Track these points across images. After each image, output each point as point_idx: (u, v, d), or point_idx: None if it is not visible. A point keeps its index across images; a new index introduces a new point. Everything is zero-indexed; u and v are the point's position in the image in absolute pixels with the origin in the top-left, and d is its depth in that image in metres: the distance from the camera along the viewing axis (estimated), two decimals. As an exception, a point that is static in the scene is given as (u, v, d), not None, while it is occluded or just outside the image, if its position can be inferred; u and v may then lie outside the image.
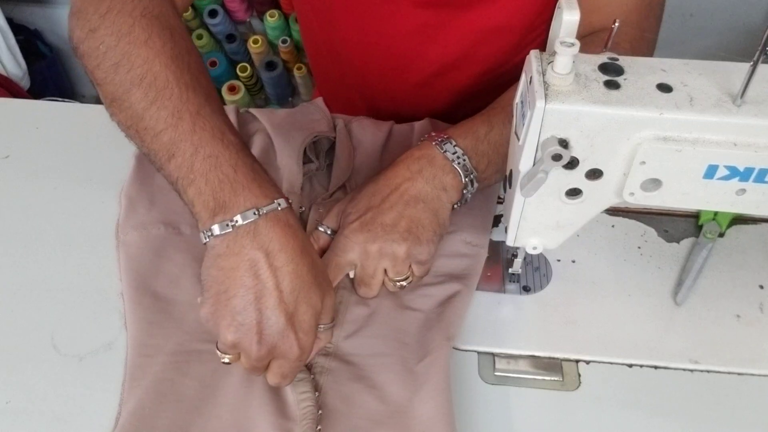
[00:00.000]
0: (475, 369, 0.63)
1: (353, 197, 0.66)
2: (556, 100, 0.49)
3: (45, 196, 0.76)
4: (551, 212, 0.58)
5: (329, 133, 0.78)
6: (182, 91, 0.56)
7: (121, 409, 0.58)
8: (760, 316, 0.66)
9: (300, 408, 0.57)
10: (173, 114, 0.55)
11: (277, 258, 0.52)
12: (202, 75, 0.59)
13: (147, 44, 0.57)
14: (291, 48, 1.68)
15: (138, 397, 0.58)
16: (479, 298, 0.67)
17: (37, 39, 1.81)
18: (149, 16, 0.59)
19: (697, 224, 0.73)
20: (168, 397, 0.58)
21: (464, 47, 0.84)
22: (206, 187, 0.53)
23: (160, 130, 0.55)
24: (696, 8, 1.67)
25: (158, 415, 0.57)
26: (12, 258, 0.70)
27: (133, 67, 0.56)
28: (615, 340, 0.64)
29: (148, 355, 0.61)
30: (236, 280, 0.52)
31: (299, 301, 0.53)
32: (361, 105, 0.95)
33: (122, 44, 0.57)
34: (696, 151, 0.50)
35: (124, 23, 0.58)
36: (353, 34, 0.86)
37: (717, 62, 0.53)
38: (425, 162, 0.65)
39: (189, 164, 0.54)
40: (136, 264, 0.67)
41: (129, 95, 0.56)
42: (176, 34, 0.59)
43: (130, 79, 0.56)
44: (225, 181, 0.53)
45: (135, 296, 0.65)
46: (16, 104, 0.92)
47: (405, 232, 0.62)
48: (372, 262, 0.63)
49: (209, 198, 0.53)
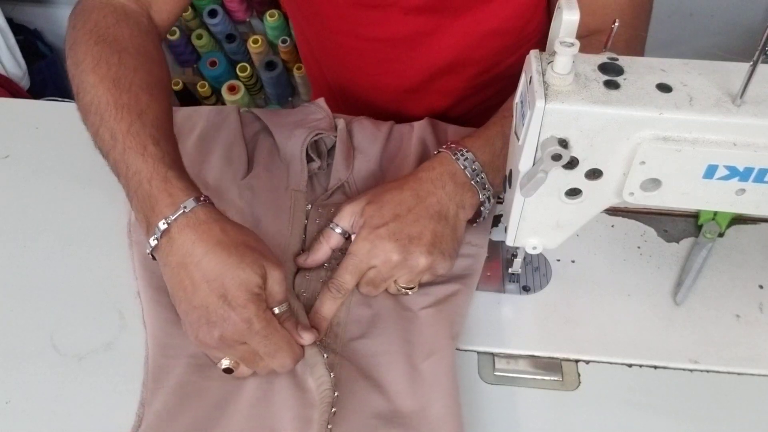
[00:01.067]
0: (474, 369, 0.63)
1: (373, 201, 0.66)
2: (555, 100, 0.49)
3: (45, 196, 0.76)
4: (551, 212, 0.58)
5: (331, 132, 0.78)
6: (118, 111, 0.61)
7: (144, 409, 0.58)
8: (760, 315, 0.66)
9: (319, 392, 0.58)
10: (112, 136, 0.61)
11: (195, 254, 0.56)
12: (143, 90, 0.63)
13: (94, 71, 0.64)
14: (291, 48, 1.68)
15: (162, 399, 0.58)
16: (479, 298, 0.67)
17: (37, 39, 1.81)
18: (102, 42, 0.66)
19: (696, 224, 0.73)
20: (192, 398, 0.59)
21: (457, 51, 0.84)
22: (138, 205, 0.59)
23: (107, 152, 0.62)
24: (696, 8, 1.67)
25: (183, 415, 0.58)
26: (12, 258, 0.70)
27: (86, 94, 0.64)
28: (614, 339, 0.64)
29: (170, 356, 0.61)
30: (176, 287, 0.57)
31: (226, 282, 0.55)
32: (356, 108, 0.95)
33: (78, 72, 0.65)
34: (696, 151, 0.50)
35: (80, 52, 0.66)
36: (346, 40, 0.86)
37: (717, 62, 0.53)
38: (447, 178, 0.66)
39: (126, 184, 0.60)
40: (151, 263, 0.67)
41: (87, 120, 0.64)
42: (125, 54, 0.65)
43: (85, 105, 0.64)
44: (145, 197, 0.58)
45: (154, 295, 0.65)
46: (16, 104, 0.93)
47: (430, 245, 0.63)
48: (391, 270, 0.63)
49: (141, 217, 0.59)
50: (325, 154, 0.78)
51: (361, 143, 0.79)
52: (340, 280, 0.64)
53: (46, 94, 1.72)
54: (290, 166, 0.75)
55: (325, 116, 0.80)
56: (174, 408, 0.58)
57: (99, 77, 0.63)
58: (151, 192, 0.58)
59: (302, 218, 0.72)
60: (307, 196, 0.74)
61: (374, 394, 0.59)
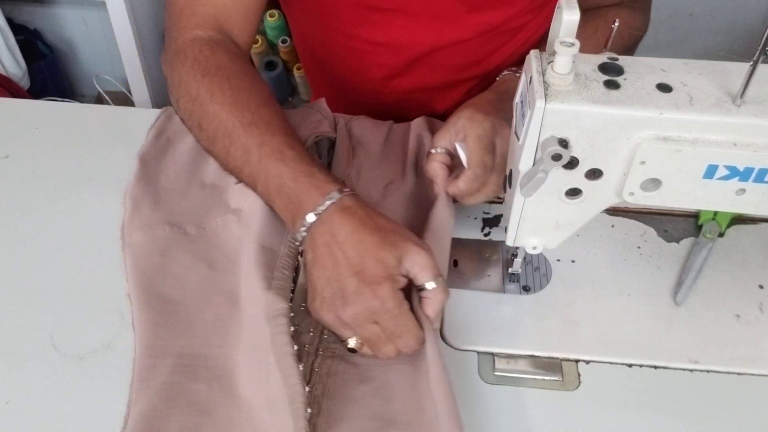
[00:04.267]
0: (474, 369, 0.63)
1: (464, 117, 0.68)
2: (555, 100, 0.49)
3: (45, 196, 0.76)
4: (551, 212, 0.58)
5: (331, 134, 0.78)
6: (246, 129, 0.66)
7: (129, 409, 0.58)
8: (760, 315, 0.66)
9: (288, 386, 0.56)
10: (245, 151, 0.66)
11: (340, 234, 0.59)
12: (262, 105, 0.69)
13: (212, 100, 0.69)
14: (291, 48, 1.68)
15: (147, 400, 0.58)
16: (479, 298, 0.67)
17: (37, 39, 1.81)
18: (208, 74, 0.71)
19: (696, 224, 0.73)
20: (177, 401, 0.58)
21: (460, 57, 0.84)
22: (282, 204, 0.64)
23: (240, 167, 0.67)
24: (696, 8, 1.67)
25: (169, 418, 0.57)
26: (12, 258, 0.70)
27: (210, 123, 0.69)
28: (615, 339, 0.64)
29: (156, 356, 0.61)
30: (317, 265, 0.60)
31: (365, 260, 0.58)
32: (356, 108, 0.95)
33: (196, 107, 0.70)
34: (696, 151, 0.50)
35: (192, 89, 0.71)
36: (349, 42, 0.86)
37: (717, 62, 0.53)
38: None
39: (266, 189, 0.65)
40: (142, 264, 0.67)
41: (215, 147, 0.70)
42: (234, 78, 0.70)
43: (212, 133, 0.69)
44: (291, 194, 0.63)
45: (143, 297, 0.65)
46: (16, 104, 0.92)
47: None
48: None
49: (287, 214, 0.64)
50: (325, 154, 0.79)
51: (361, 139, 0.79)
52: (480, 159, 0.66)
53: (46, 94, 1.73)
54: None
55: (325, 117, 0.80)
56: (159, 409, 0.57)
57: (219, 105, 0.68)
58: (298, 188, 0.62)
59: None
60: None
61: (374, 396, 0.59)
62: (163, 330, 0.62)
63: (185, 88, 0.72)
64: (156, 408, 0.57)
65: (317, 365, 0.61)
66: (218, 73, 0.70)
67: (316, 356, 0.62)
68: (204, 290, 0.66)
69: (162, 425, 0.57)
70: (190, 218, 0.71)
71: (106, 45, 1.80)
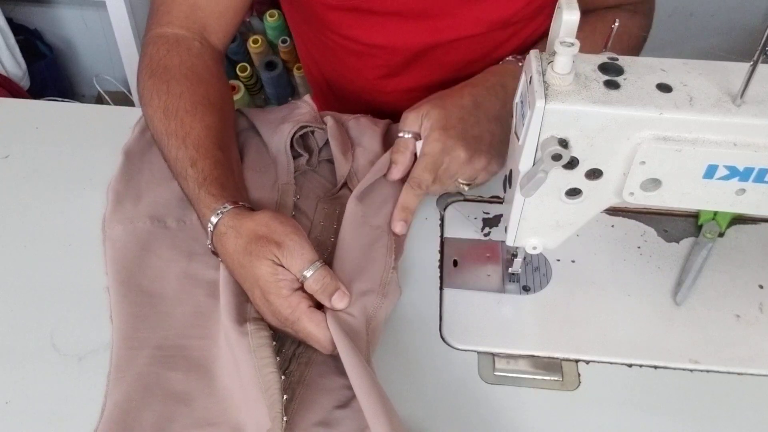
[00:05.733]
0: (474, 369, 0.63)
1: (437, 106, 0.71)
2: (555, 100, 0.49)
3: (45, 196, 0.76)
4: (551, 212, 0.58)
5: (316, 125, 0.78)
6: (169, 139, 0.68)
7: (106, 399, 0.59)
8: (760, 315, 0.66)
9: (262, 375, 0.56)
10: (169, 164, 0.69)
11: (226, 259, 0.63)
12: (188, 113, 0.69)
13: (149, 104, 0.71)
14: (291, 48, 1.68)
15: (123, 390, 0.58)
16: (479, 298, 0.67)
17: (37, 39, 1.81)
18: (154, 75, 0.72)
19: (696, 224, 0.73)
20: (154, 390, 0.59)
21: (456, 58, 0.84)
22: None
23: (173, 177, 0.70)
24: (696, 8, 1.67)
25: (144, 408, 0.58)
26: (12, 258, 0.70)
27: (150, 126, 0.72)
28: (614, 339, 0.64)
29: (133, 347, 0.61)
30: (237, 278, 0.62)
31: (258, 281, 0.59)
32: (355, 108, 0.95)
33: (143, 107, 0.73)
34: (696, 151, 0.50)
35: (140, 88, 0.73)
36: (345, 44, 0.86)
37: (717, 62, 0.53)
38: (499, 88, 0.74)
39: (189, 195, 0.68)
40: (122, 258, 0.68)
41: (158, 147, 0.72)
42: (173, 81, 0.71)
43: (153, 137, 0.72)
44: (198, 217, 0.67)
45: (121, 290, 0.65)
46: (16, 104, 0.92)
47: (489, 146, 0.71)
48: (458, 167, 0.70)
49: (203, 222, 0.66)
50: (316, 151, 0.78)
51: (360, 138, 0.79)
52: (420, 177, 0.69)
53: (46, 94, 1.73)
54: (277, 161, 0.76)
55: (309, 110, 0.80)
56: (135, 399, 0.58)
57: (153, 109, 0.70)
58: (195, 209, 0.66)
59: (289, 212, 0.72)
60: (298, 189, 0.74)
61: (341, 383, 0.59)
62: (141, 322, 0.63)
63: (139, 86, 0.74)
64: (131, 398, 0.58)
65: (298, 352, 0.62)
66: (162, 76, 0.72)
67: (299, 344, 0.62)
68: (184, 282, 0.66)
69: (137, 414, 0.57)
70: (171, 212, 0.72)
71: (106, 45, 1.80)
